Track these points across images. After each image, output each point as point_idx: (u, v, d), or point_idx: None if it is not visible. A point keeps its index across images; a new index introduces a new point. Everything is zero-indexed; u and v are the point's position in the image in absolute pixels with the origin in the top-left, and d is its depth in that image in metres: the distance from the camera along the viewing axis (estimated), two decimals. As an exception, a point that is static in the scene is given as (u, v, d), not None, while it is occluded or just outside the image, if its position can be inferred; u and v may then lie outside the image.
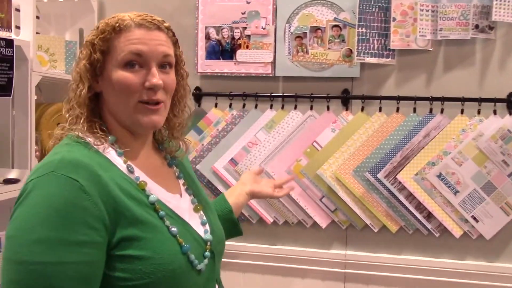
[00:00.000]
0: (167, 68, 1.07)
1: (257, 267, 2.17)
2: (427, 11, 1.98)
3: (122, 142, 1.07)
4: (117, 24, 1.03)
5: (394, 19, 2.01)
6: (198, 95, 2.20)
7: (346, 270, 2.12)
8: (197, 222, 1.13)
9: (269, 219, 2.15)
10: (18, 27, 1.84)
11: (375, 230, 2.08)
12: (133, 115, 1.04)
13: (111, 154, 1.03)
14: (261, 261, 2.17)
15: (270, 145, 2.13)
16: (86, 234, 0.90)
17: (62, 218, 0.89)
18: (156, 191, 1.05)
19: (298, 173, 2.10)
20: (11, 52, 1.70)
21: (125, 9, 1.10)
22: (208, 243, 1.11)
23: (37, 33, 2.00)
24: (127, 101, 1.03)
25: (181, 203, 1.12)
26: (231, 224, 1.41)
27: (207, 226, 1.15)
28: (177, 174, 1.20)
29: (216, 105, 2.19)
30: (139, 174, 1.05)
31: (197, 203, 1.18)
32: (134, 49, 1.02)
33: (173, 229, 1.02)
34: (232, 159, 2.14)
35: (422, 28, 1.98)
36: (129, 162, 1.05)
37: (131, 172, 1.04)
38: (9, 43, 1.69)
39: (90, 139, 1.02)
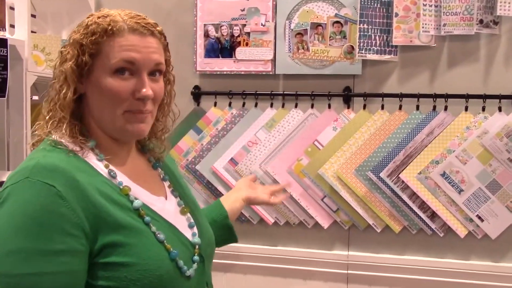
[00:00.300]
0: (156, 75, 1.03)
1: (258, 269, 2.14)
2: (430, 6, 1.94)
3: (104, 146, 1.03)
4: (110, 27, 0.98)
5: (397, 15, 1.96)
6: (197, 94, 2.16)
7: (349, 271, 2.08)
8: (184, 225, 1.10)
9: (270, 219, 2.11)
10: (12, 26, 1.81)
11: (378, 230, 2.05)
12: (118, 124, 1.00)
13: (91, 158, 0.99)
14: (262, 263, 2.14)
15: (270, 144, 2.09)
16: (63, 242, 0.86)
17: (38, 226, 0.85)
18: (140, 195, 1.02)
19: (299, 172, 2.06)
20: (5, 52, 1.67)
21: (122, 7, 1.06)
22: (197, 247, 1.08)
23: (33, 32, 1.97)
24: (114, 109, 0.99)
25: (166, 206, 1.08)
26: (227, 230, 1.38)
27: (195, 229, 1.12)
28: (162, 176, 1.16)
29: (215, 104, 2.15)
30: (122, 179, 1.01)
31: (183, 205, 1.14)
32: (127, 57, 0.97)
33: (160, 235, 0.98)
34: (232, 159, 2.11)
35: (425, 24, 1.94)
36: (111, 167, 1.01)
37: (114, 177, 1.00)
38: (3, 42, 1.66)
39: (68, 144, 0.98)
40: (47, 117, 1.01)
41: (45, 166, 0.90)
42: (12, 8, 1.80)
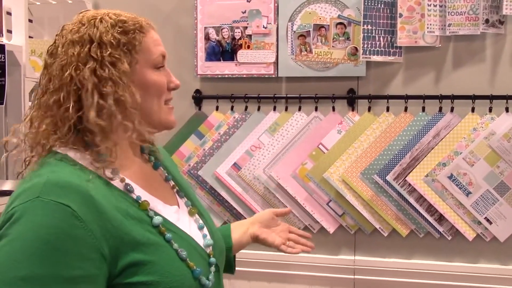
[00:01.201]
0: None
1: (263, 275, 2.10)
2: (435, 6, 1.91)
3: (116, 154, 0.93)
4: (138, 24, 0.98)
5: (401, 15, 1.93)
6: (198, 98, 2.13)
7: (356, 276, 2.05)
8: (195, 228, 1.06)
9: (275, 225, 2.07)
10: (9, 31, 1.78)
11: (385, 234, 2.01)
12: (164, 115, 1.02)
13: (105, 172, 0.92)
14: (267, 269, 2.10)
15: (274, 149, 2.05)
16: (81, 268, 0.80)
17: (53, 251, 0.78)
18: (157, 208, 0.97)
19: (304, 177, 2.02)
20: (2, 58, 1.63)
21: (121, 9, 1.03)
22: (210, 248, 1.05)
23: (30, 37, 1.93)
24: (160, 102, 1.01)
25: (181, 215, 1.03)
26: (227, 264, 1.28)
27: (205, 230, 1.08)
28: (164, 177, 1.12)
29: (217, 108, 2.12)
30: (140, 193, 0.95)
31: (191, 206, 1.10)
32: (162, 51, 1.02)
33: (182, 252, 0.93)
34: (235, 163, 2.07)
35: (430, 24, 1.91)
36: (127, 181, 0.94)
37: (130, 191, 0.94)
38: (1, 48, 1.62)
39: (74, 156, 0.90)
40: (55, 122, 0.91)
41: (56, 183, 0.83)
42: (9, 13, 1.76)
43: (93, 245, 0.81)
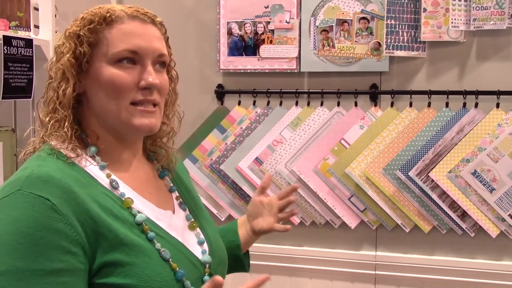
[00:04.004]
0: (162, 67, 0.98)
1: (284, 269, 2.11)
2: (460, 0, 1.89)
3: (106, 151, 0.95)
4: (108, 14, 0.92)
5: (425, 10, 1.92)
6: (221, 93, 2.14)
7: (377, 272, 2.05)
8: (193, 242, 1.01)
9: (296, 219, 2.08)
10: (37, 27, 1.80)
11: (407, 230, 2.00)
12: (124, 118, 0.92)
13: (92, 167, 0.92)
14: (288, 263, 2.11)
15: (296, 144, 2.06)
16: (62, 261, 0.78)
17: (32, 245, 0.77)
18: (144, 208, 0.94)
19: (326, 172, 2.02)
20: (30, 52, 1.65)
21: (144, 6, 1.03)
22: (207, 266, 1.00)
23: (55, 32, 1.96)
24: (118, 102, 0.91)
25: (173, 221, 0.99)
26: (237, 261, 1.27)
27: (205, 246, 1.03)
28: (169, 187, 1.08)
29: (239, 103, 2.12)
30: (125, 190, 0.93)
31: (192, 220, 1.05)
32: (130, 46, 0.91)
33: (164, 253, 0.90)
34: (256, 158, 2.08)
35: (455, 19, 1.89)
36: (112, 177, 0.93)
37: (115, 188, 0.92)
38: (29, 43, 1.65)
39: (65, 151, 0.90)
40: (47, 119, 0.92)
41: (39, 176, 0.82)
42: (36, 9, 1.79)
43: (74, 239, 0.80)
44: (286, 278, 2.12)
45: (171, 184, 1.08)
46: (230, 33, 2.10)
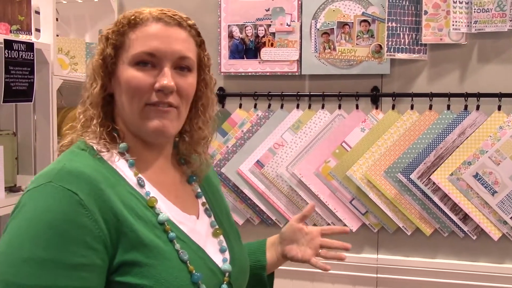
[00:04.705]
0: (185, 70, 0.96)
1: (285, 273, 2.10)
2: (461, 2, 1.89)
3: (134, 151, 0.96)
4: (133, 17, 0.94)
5: (426, 12, 1.91)
6: (222, 96, 2.14)
7: (378, 275, 2.04)
8: (215, 249, 1.01)
9: (297, 222, 2.07)
10: (38, 30, 1.81)
11: (408, 233, 2.00)
12: (139, 120, 0.93)
13: (121, 164, 0.93)
14: (289, 266, 2.07)
15: (297, 146, 2.05)
16: (83, 256, 0.79)
17: (57, 236, 0.78)
18: (168, 210, 0.94)
19: (327, 175, 2.02)
20: (31, 56, 1.65)
21: (145, 6, 1.03)
22: (227, 274, 0.98)
23: (56, 35, 1.96)
24: (134, 103, 0.93)
25: (197, 226, 0.99)
26: (260, 282, 1.23)
27: (227, 254, 1.02)
28: (196, 192, 1.07)
29: (240, 106, 2.12)
30: (150, 189, 0.94)
31: (217, 227, 1.05)
32: (147, 48, 0.92)
33: (183, 253, 0.90)
34: (258, 161, 2.08)
35: (456, 21, 1.89)
36: (140, 175, 0.94)
37: (141, 186, 0.93)
38: (30, 46, 1.65)
39: (97, 146, 0.93)
40: (81, 117, 0.96)
41: (70, 171, 0.84)
42: (37, 12, 1.79)
43: (97, 235, 0.81)
44: (287, 281, 2.12)
45: (199, 190, 1.08)
46: (231, 36, 2.10)
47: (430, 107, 1.96)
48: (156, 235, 0.88)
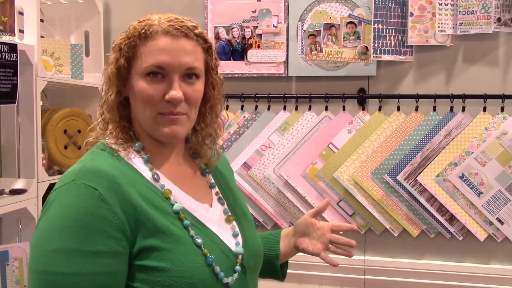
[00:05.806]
0: (193, 78, 1.02)
1: (273, 274, 2.10)
2: (446, 4, 1.90)
3: (149, 149, 1.05)
4: (143, 30, 1.00)
5: (412, 14, 1.92)
6: (209, 97, 2.12)
7: (366, 276, 2.04)
8: (227, 234, 1.08)
9: (285, 224, 2.07)
10: (21, 31, 1.78)
11: (395, 234, 2.00)
12: (153, 125, 1.02)
13: (137, 161, 1.02)
14: (277, 268, 2.09)
15: (284, 148, 2.05)
16: (104, 244, 0.89)
17: (80, 228, 0.88)
18: (182, 200, 1.02)
19: (314, 176, 2.02)
20: (14, 57, 1.63)
21: (131, 10, 1.04)
22: (239, 257, 1.05)
23: (41, 36, 1.94)
24: (147, 112, 1.01)
25: (210, 214, 1.07)
26: (273, 270, 1.32)
27: (239, 238, 1.09)
28: (210, 183, 1.14)
29: (227, 108, 2.12)
30: (165, 182, 1.02)
31: (229, 213, 1.12)
32: (156, 61, 0.99)
33: (197, 239, 0.98)
34: (245, 163, 2.07)
35: (441, 23, 1.90)
36: (155, 170, 1.03)
37: (156, 180, 1.02)
38: (13, 47, 1.63)
39: (115, 146, 1.02)
40: (100, 119, 1.05)
41: (90, 169, 0.94)
42: (21, 13, 1.76)
43: (116, 225, 0.90)
44: (274, 284, 2.11)
45: (212, 181, 1.15)
46: (217, 37, 2.09)
47: (416, 109, 1.96)
48: (172, 223, 0.97)
